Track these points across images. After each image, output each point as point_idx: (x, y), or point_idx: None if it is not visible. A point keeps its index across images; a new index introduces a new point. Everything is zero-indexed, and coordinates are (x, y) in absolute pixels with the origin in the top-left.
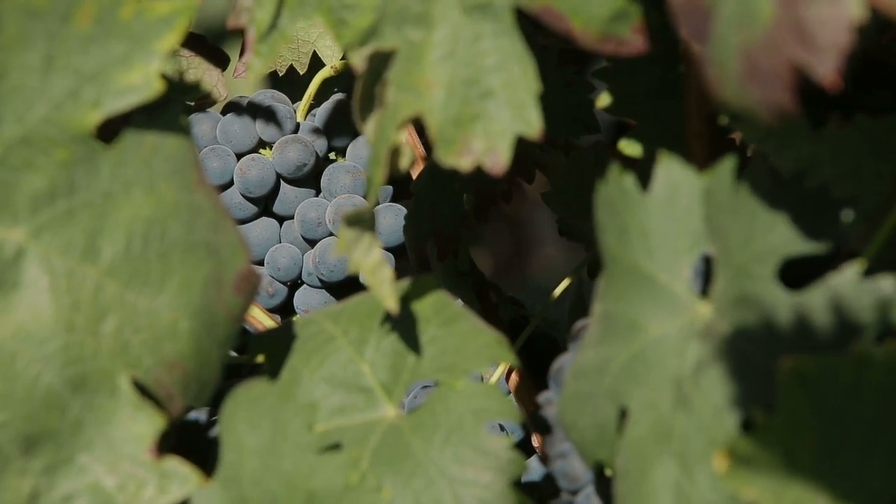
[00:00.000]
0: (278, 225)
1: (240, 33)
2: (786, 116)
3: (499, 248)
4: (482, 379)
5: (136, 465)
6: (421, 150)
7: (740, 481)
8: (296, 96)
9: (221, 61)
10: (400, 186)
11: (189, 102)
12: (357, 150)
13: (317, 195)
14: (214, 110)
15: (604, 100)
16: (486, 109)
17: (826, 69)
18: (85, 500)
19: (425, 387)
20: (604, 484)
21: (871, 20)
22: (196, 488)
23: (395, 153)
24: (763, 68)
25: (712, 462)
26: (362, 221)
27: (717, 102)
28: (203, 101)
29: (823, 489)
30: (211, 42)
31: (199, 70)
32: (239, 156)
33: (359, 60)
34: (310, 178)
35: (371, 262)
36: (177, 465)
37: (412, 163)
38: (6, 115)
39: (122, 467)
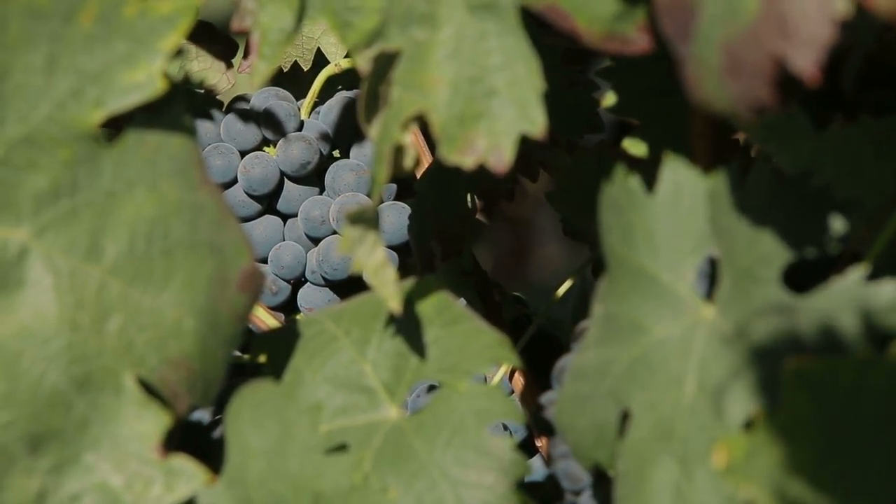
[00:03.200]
0: (282, 223)
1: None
2: (765, 112)
3: (502, 248)
4: (485, 380)
5: (142, 464)
6: (425, 149)
7: (739, 478)
8: (300, 93)
9: (229, 50)
10: (403, 185)
11: (197, 90)
12: (361, 148)
13: (320, 193)
14: (223, 98)
15: (609, 99)
16: (490, 108)
17: (806, 62)
18: (92, 499)
19: (431, 387)
20: (601, 487)
21: (874, 20)
22: (203, 485)
23: (398, 151)
24: (744, 62)
25: (712, 460)
26: (366, 220)
27: (695, 100)
28: (210, 90)
29: (823, 489)
30: (219, 30)
31: (206, 59)
32: (242, 154)
33: (364, 62)
34: (313, 176)
35: (374, 261)
36: (183, 463)
37: (416, 162)
38: (9, 114)
39: (128, 466)
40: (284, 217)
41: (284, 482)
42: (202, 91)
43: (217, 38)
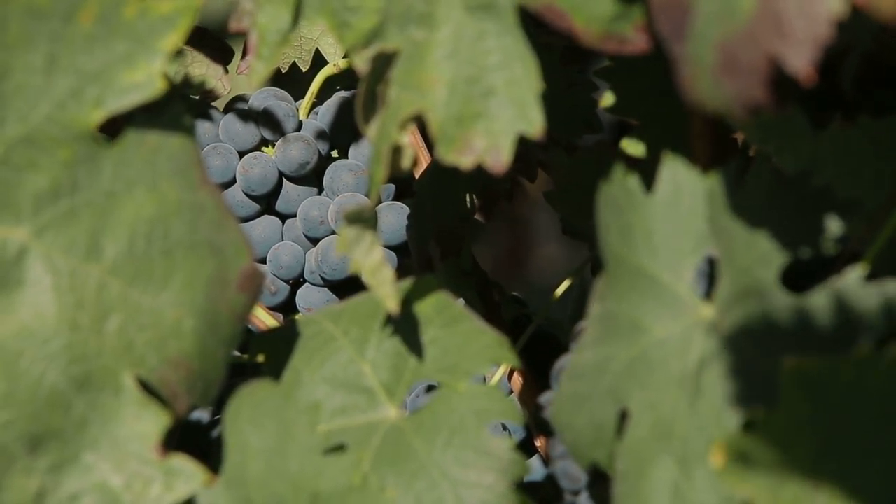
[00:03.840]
0: (281, 223)
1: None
2: (760, 112)
3: (501, 248)
4: (485, 380)
5: (142, 464)
6: (424, 149)
7: (736, 478)
8: (298, 94)
9: (225, 55)
10: (403, 185)
11: (193, 96)
12: (360, 148)
13: (319, 193)
14: (218, 104)
15: (607, 99)
16: (488, 108)
17: (801, 61)
18: (91, 499)
19: (430, 387)
20: (600, 486)
21: (869, 20)
22: (202, 485)
23: (396, 152)
24: (740, 61)
25: (709, 459)
26: (363, 220)
27: (690, 100)
28: (207, 95)
29: (821, 489)
30: (215, 35)
31: (202, 64)
32: (241, 154)
33: (362, 62)
34: (312, 177)
35: (371, 262)
36: (183, 463)
37: (414, 162)
38: (9, 114)
39: (128, 465)
40: (283, 217)
41: (284, 482)
42: (198, 97)
43: (212, 43)
